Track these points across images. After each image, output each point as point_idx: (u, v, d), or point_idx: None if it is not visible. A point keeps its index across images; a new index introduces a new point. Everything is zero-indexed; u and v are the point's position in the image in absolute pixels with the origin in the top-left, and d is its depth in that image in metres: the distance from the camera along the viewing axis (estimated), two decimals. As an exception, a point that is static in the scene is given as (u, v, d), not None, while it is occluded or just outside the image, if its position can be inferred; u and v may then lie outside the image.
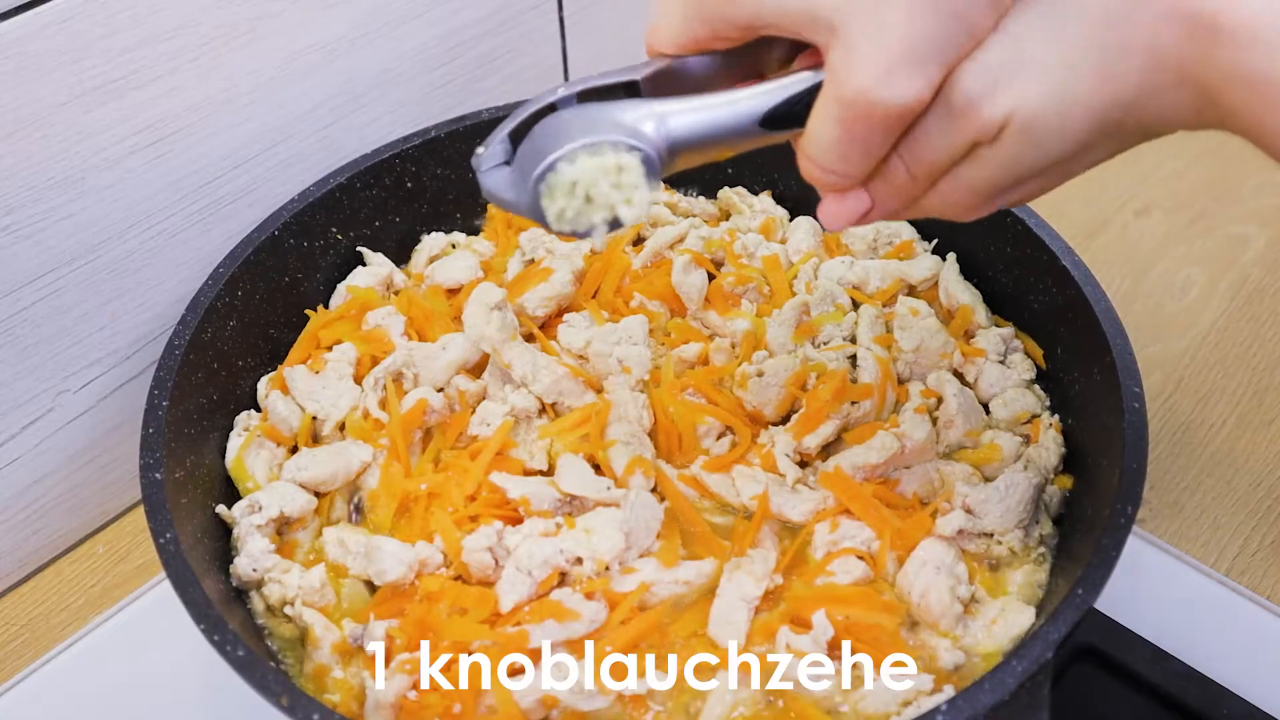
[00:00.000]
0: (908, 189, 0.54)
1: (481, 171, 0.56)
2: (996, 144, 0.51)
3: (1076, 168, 0.54)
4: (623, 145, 0.53)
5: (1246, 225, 1.14)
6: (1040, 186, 0.55)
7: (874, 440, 0.76)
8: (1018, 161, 0.52)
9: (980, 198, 0.55)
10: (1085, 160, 0.53)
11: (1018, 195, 0.55)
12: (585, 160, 0.53)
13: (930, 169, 0.53)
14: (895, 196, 0.55)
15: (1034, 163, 0.52)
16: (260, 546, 0.73)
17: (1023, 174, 0.53)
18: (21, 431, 0.83)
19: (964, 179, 0.54)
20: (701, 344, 0.85)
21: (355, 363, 0.85)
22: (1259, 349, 1.02)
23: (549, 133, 0.54)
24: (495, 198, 0.56)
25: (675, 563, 0.72)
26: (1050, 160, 0.52)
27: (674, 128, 0.53)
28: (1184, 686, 0.69)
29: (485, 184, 0.56)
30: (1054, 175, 0.54)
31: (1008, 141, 0.51)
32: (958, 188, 0.54)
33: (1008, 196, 0.55)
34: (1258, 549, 0.87)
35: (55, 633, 0.85)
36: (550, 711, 0.66)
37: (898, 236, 0.94)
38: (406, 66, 0.97)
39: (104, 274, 0.83)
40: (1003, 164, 0.52)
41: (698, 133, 0.54)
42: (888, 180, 0.54)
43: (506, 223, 0.98)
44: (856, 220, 0.56)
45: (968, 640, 0.69)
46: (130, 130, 0.80)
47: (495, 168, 0.56)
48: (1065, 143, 0.51)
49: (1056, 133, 0.50)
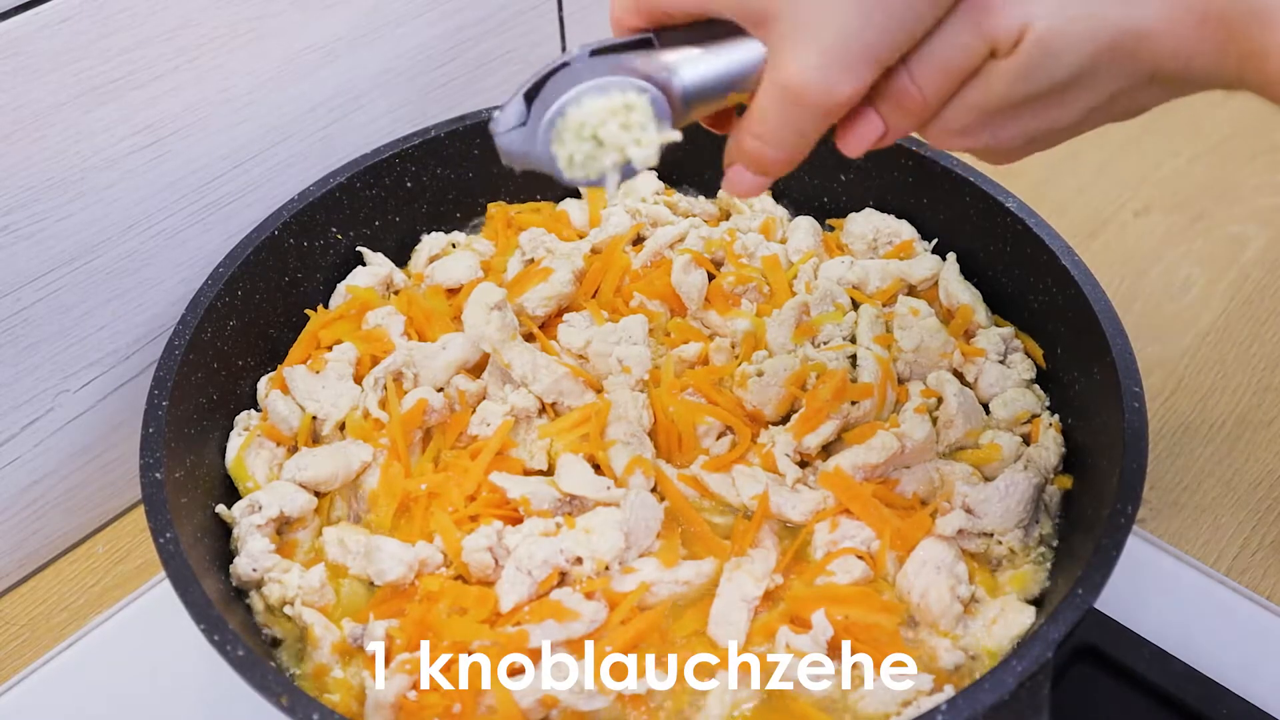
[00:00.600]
0: (918, 108, 0.53)
1: (498, 134, 0.56)
2: (1010, 56, 0.50)
3: (1081, 100, 0.53)
4: (630, 86, 0.54)
5: (1246, 225, 1.14)
6: (1028, 125, 0.54)
7: (874, 440, 0.76)
8: (1028, 77, 0.51)
9: (983, 117, 0.54)
10: (1092, 90, 0.52)
11: (1010, 130, 0.54)
12: (593, 101, 0.54)
13: (943, 82, 0.52)
14: (906, 117, 0.54)
15: (1044, 80, 0.51)
16: (260, 546, 0.73)
17: (1030, 93, 0.52)
18: (21, 431, 0.83)
19: (968, 98, 0.53)
20: (701, 344, 0.85)
21: (355, 363, 0.85)
22: (1259, 349, 1.02)
23: (560, 83, 0.55)
24: (511, 156, 0.56)
25: (675, 563, 0.72)
26: (1060, 79, 0.51)
27: (683, 74, 0.54)
28: (1184, 686, 0.69)
29: (501, 145, 0.56)
30: (1057, 106, 0.53)
31: (1022, 53, 0.50)
32: (960, 109, 0.54)
33: (997, 128, 0.54)
34: (1258, 549, 0.87)
35: (55, 633, 0.85)
36: (550, 711, 0.66)
37: (898, 236, 0.94)
38: (406, 66, 0.97)
39: (104, 274, 0.83)
40: (1013, 79, 0.51)
41: (705, 78, 0.54)
42: (898, 102, 0.53)
43: (506, 223, 0.98)
44: (874, 143, 0.55)
45: (968, 640, 0.69)
46: (129, 130, 0.80)
47: (511, 130, 0.56)
48: (1080, 59, 0.50)
49: (1073, 46, 0.50)
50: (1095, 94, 0.53)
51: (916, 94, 0.53)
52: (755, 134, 0.54)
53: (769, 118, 0.53)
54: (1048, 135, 0.55)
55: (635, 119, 0.54)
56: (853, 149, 0.56)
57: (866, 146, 0.56)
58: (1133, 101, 0.54)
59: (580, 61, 0.55)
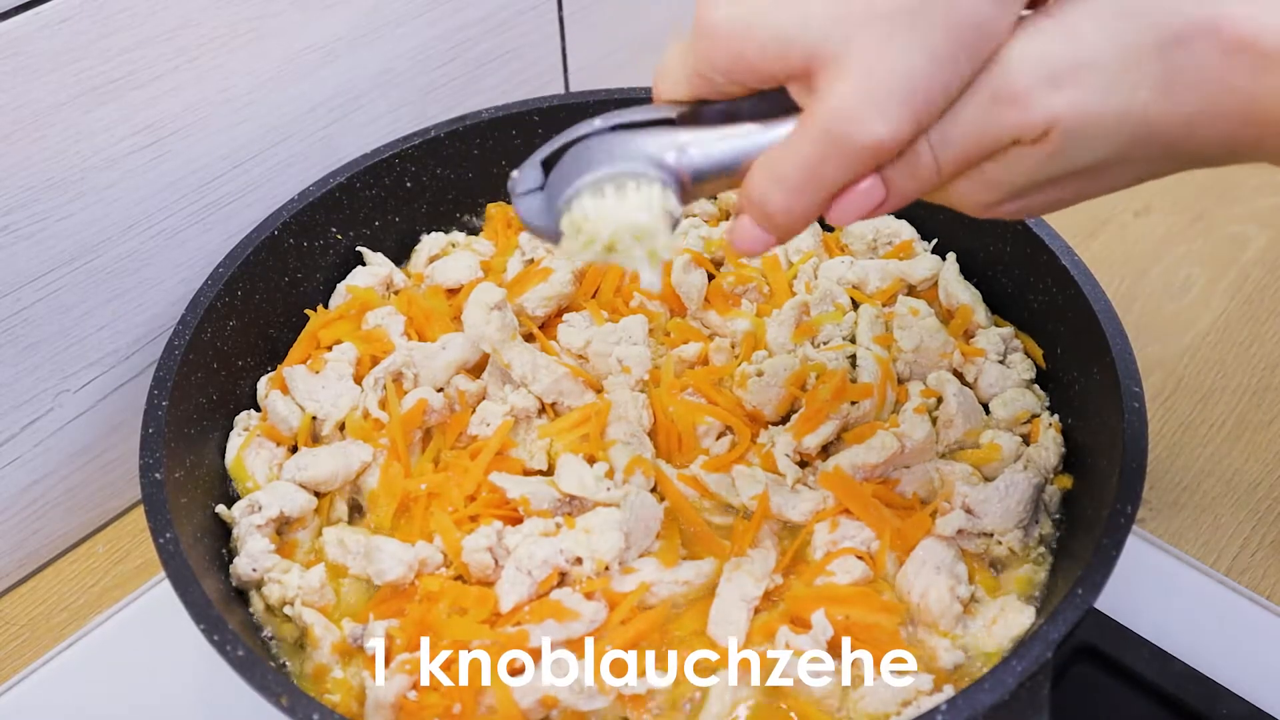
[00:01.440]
0: (929, 177, 0.51)
1: (515, 196, 0.57)
2: (1037, 145, 0.48)
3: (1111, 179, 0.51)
4: (641, 175, 0.53)
5: (1246, 225, 1.14)
6: (1057, 196, 0.52)
7: (874, 440, 0.76)
8: (1051, 164, 0.49)
9: (1001, 196, 0.52)
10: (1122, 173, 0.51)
11: (1038, 200, 0.53)
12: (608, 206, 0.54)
13: (959, 160, 0.50)
14: (913, 183, 0.51)
15: (1067, 167, 0.50)
16: (260, 546, 0.73)
17: (1052, 177, 0.50)
18: (21, 431, 0.83)
19: (989, 175, 0.51)
20: (701, 344, 0.85)
21: (355, 363, 0.85)
22: (1259, 349, 1.02)
23: (576, 160, 0.55)
24: (528, 223, 0.57)
25: (675, 563, 0.72)
26: (1086, 165, 0.50)
27: (694, 156, 0.54)
28: (1184, 686, 0.69)
29: (519, 209, 0.57)
30: (1074, 185, 0.52)
31: (1050, 143, 0.48)
32: (979, 184, 0.52)
33: (1026, 201, 0.53)
34: (1258, 549, 0.87)
35: (55, 633, 0.85)
36: (550, 711, 0.66)
37: (897, 236, 0.94)
38: (406, 66, 0.97)
39: (104, 274, 0.83)
40: (1036, 166, 0.49)
41: (717, 162, 0.54)
42: (911, 168, 0.51)
43: (506, 223, 0.98)
44: (869, 212, 0.53)
45: (967, 640, 0.69)
46: (129, 130, 0.80)
47: (528, 193, 0.56)
48: (1111, 148, 0.49)
49: (1104, 136, 0.48)
50: (1125, 175, 0.51)
51: (930, 163, 0.50)
52: (774, 175, 0.51)
53: (792, 155, 0.50)
54: (1076, 200, 0.54)
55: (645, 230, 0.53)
56: (843, 216, 0.52)
57: (858, 215, 0.52)
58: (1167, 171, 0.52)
59: (597, 138, 0.55)
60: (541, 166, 0.56)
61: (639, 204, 0.53)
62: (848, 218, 0.52)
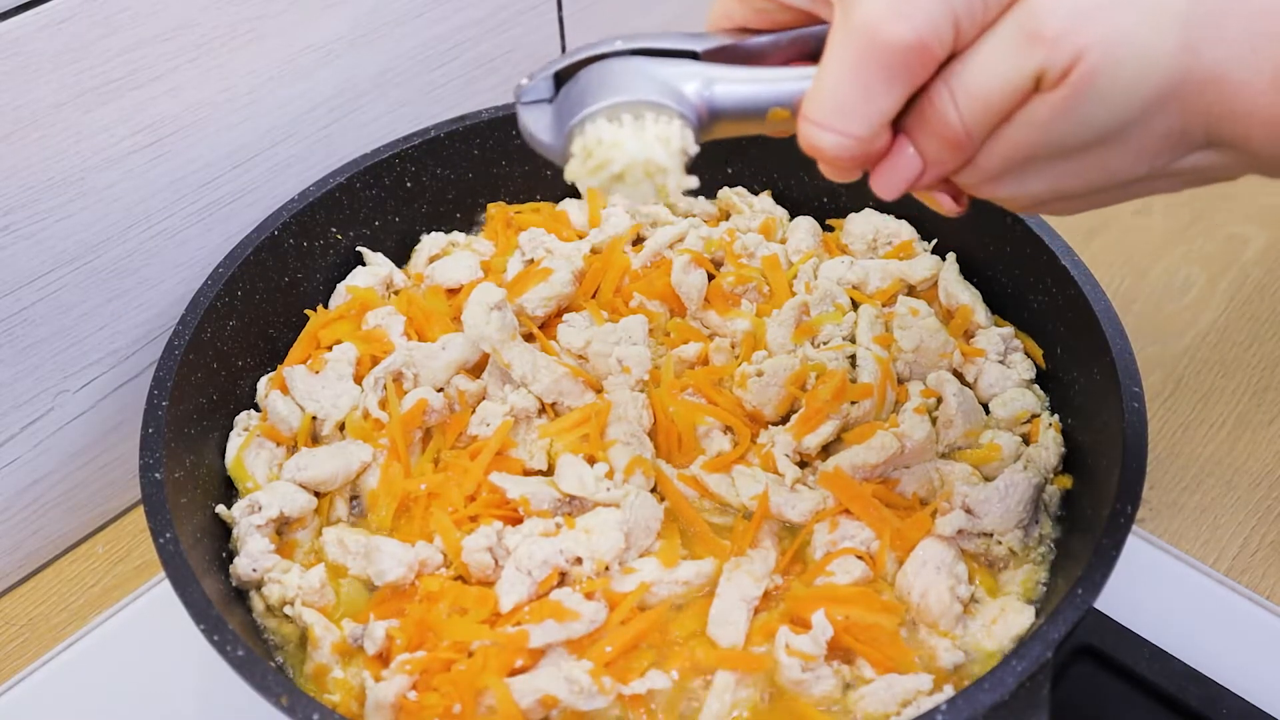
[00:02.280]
0: (957, 139, 0.50)
1: (521, 103, 0.55)
2: (1055, 89, 0.47)
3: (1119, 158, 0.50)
4: (660, 106, 0.52)
5: (1246, 225, 1.14)
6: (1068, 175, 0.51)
7: (874, 440, 0.76)
8: (1070, 114, 0.48)
9: (1009, 162, 0.51)
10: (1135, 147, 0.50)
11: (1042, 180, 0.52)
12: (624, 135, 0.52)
13: (984, 112, 0.49)
14: (945, 150, 0.50)
15: (1082, 126, 0.48)
16: (260, 546, 0.73)
17: (1069, 135, 0.49)
18: (21, 431, 0.83)
19: (1006, 136, 0.50)
20: (701, 344, 0.85)
21: (355, 363, 0.85)
22: (1259, 349, 1.02)
23: (593, 80, 0.53)
24: (529, 134, 0.55)
25: (675, 563, 0.72)
26: (1103, 125, 0.48)
27: (717, 93, 0.53)
28: (1184, 686, 0.69)
29: (522, 117, 0.55)
30: (1092, 161, 0.50)
31: (1069, 86, 0.47)
32: (996, 154, 0.50)
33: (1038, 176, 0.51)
34: (1258, 549, 0.87)
35: (55, 633, 0.85)
36: (550, 711, 0.66)
37: (897, 236, 0.94)
38: (406, 66, 0.97)
39: (104, 274, 0.83)
40: (1052, 117, 0.48)
41: (739, 101, 0.53)
42: (937, 130, 0.50)
43: (506, 222, 0.98)
44: (911, 182, 0.52)
45: (967, 640, 0.69)
46: (129, 130, 0.80)
47: (535, 103, 0.55)
48: (1129, 103, 0.47)
49: (1125, 87, 0.47)
50: (1138, 154, 0.50)
51: (956, 122, 0.49)
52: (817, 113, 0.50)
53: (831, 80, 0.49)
54: (1077, 196, 0.53)
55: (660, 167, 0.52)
56: (888, 187, 0.52)
57: (902, 185, 0.52)
58: (1179, 168, 0.51)
59: (618, 60, 0.53)
60: (554, 79, 0.54)
61: (656, 138, 0.52)
62: (891, 189, 0.52)
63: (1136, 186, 0.52)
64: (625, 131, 0.52)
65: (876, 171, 0.52)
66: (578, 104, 0.53)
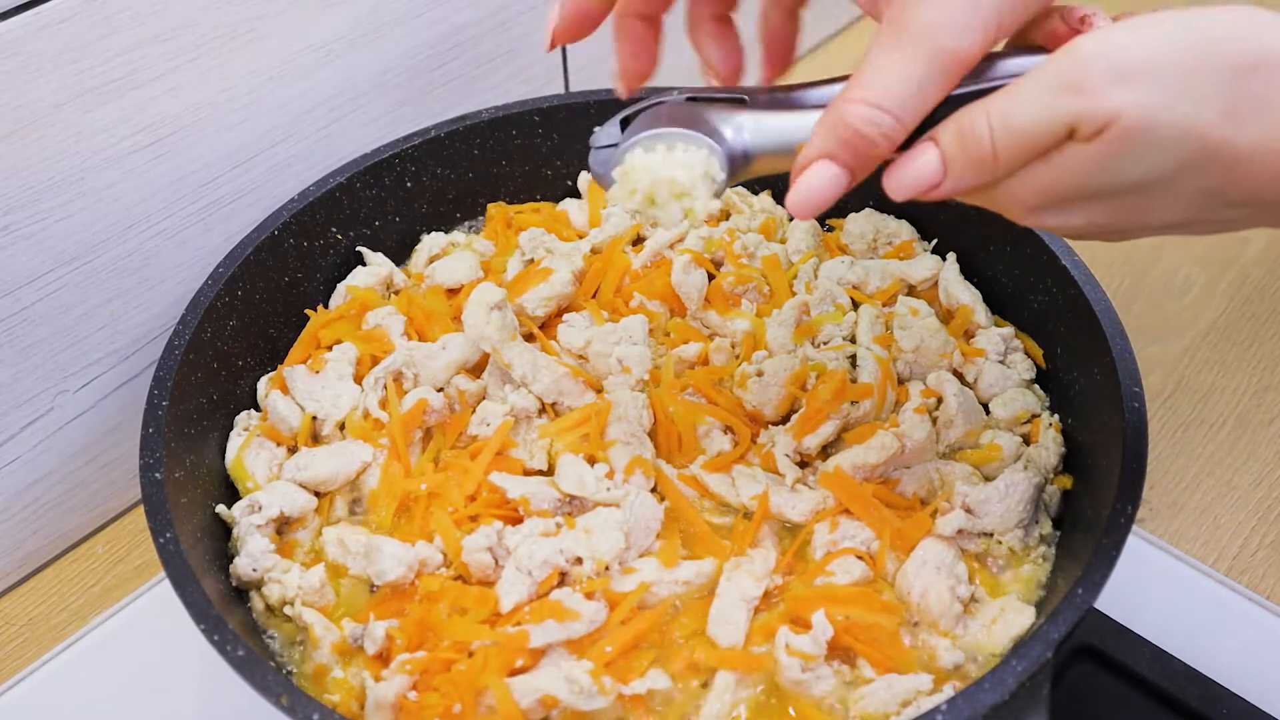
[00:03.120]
0: (986, 163, 0.50)
1: (593, 148, 0.62)
2: (1091, 142, 0.48)
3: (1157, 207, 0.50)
4: (690, 137, 0.58)
5: (1246, 225, 1.14)
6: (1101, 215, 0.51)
7: (874, 440, 0.76)
8: (1103, 170, 0.48)
9: (1046, 201, 0.51)
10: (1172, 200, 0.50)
11: (1079, 217, 0.52)
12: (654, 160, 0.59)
13: (1016, 146, 0.49)
14: (970, 169, 0.51)
15: (1118, 177, 0.49)
16: (260, 546, 0.73)
17: (1101, 188, 0.49)
18: (21, 431, 0.83)
19: (1038, 177, 0.50)
20: (701, 344, 0.85)
21: (355, 363, 0.85)
22: (1259, 349, 1.02)
23: (644, 121, 0.60)
24: (597, 174, 0.62)
25: (675, 563, 0.72)
26: (1136, 180, 0.49)
27: (749, 129, 0.58)
28: (1184, 686, 0.69)
29: (592, 159, 0.62)
30: (1131, 209, 0.51)
31: (1104, 142, 0.47)
32: (1028, 186, 0.51)
33: (1069, 214, 0.52)
34: (1258, 549, 0.87)
35: (55, 633, 0.85)
36: (550, 711, 0.66)
37: (898, 236, 0.94)
38: (406, 66, 0.97)
39: (104, 274, 0.83)
40: (1087, 169, 0.48)
41: (769, 137, 0.58)
42: (968, 145, 0.50)
43: (506, 222, 0.98)
44: (925, 189, 0.52)
45: (968, 640, 0.69)
46: (130, 130, 0.80)
47: (603, 148, 0.62)
48: (1163, 164, 0.48)
49: (1158, 152, 0.47)
50: (1174, 204, 0.50)
51: (988, 144, 0.50)
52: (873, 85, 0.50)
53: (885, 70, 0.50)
54: (1121, 231, 0.53)
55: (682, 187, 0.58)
56: (902, 187, 0.53)
57: (917, 188, 0.52)
58: (1217, 218, 0.51)
59: (670, 105, 0.60)
60: (620, 125, 0.61)
61: (681, 162, 0.58)
62: (905, 189, 0.53)
63: (1176, 228, 0.52)
64: (655, 158, 0.59)
65: (895, 167, 0.53)
66: (627, 140, 0.61)
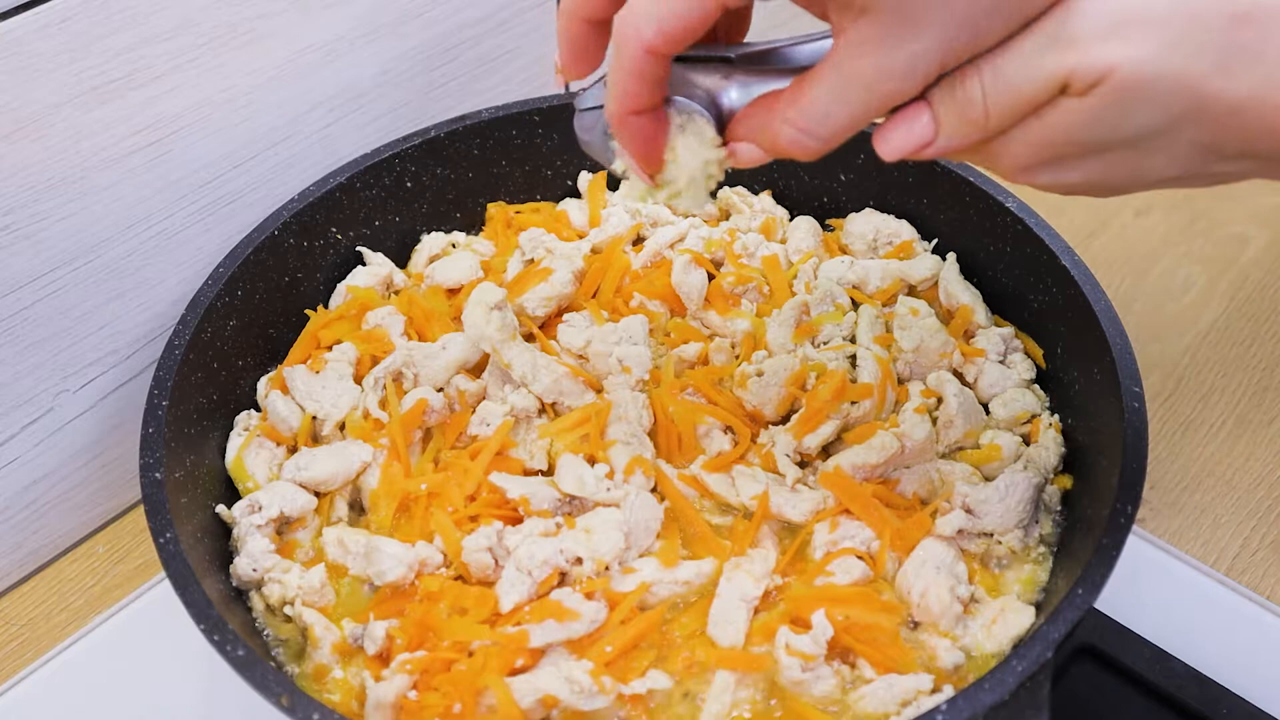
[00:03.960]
0: (979, 123, 0.50)
1: (578, 109, 0.61)
2: (1084, 97, 0.47)
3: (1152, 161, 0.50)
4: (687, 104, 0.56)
5: (1246, 225, 1.14)
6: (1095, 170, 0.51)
7: (874, 440, 0.76)
8: (1098, 123, 0.48)
9: (1040, 158, 0.51)
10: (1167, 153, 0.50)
11: (1074, 173, 0.52)
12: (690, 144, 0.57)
13: (1009, 103, 0.49)
14: (962, 129, 0.51)
15: (1114, 131, 0.49)
16: (260, 546, 0.73)
17: (1097, 140, 0.49)
18: (21, 431, 0.83)
19: (1032, 133, 0.50)
20: (701, 344, 0.85)
21: (355, 363, 0.85)
22: (1259, 349, 1.02)
23: None
24: (579, 136, 0.61)
25: (675, 563, 0.72)
26: (1130, 135, 0.49)
27: (736, 93, 0.57)
28: (1184, 686, 0.69)
29: (577, 123, 0.61)
30: (1127, 163, 0.50)
31: (1097, 96, 0.47)
32: (1021, 143, 0.51)
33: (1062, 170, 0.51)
34: (1258, 549, 0.87)
35: (55, 633, 0.85)
36: (550, 711, 0.66)
37: (897, 236, 0.94)
38: (406, 66, 0.97)
39: (104, 274, 0.83)
40: (1081, 123, 0.48)
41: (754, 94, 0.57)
42: (960, 106, 0.50)
43: (506, 222, 0.98)
44: (916, 149, 0.52)
45: (967, 640, 0.69)
46: (130, 130, 0.80)
47: (588, 110, 0.60)
48: (1156, 118, 0.48)
49: (1153, 103, 0.47)
50: (1169, 158, 0.50)
51: (979, 102, 0.49)
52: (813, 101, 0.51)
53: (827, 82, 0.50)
54: (1116, 186, 0.53)
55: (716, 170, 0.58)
56: (892, 148, 0.52)
57: (908, 148, 0.52)
58: (1211, 171, 0.51)
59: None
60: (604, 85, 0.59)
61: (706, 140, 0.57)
62: (895, 150, 0.52)
63: (1171, 182, 0.52)
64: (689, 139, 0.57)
65: (885, 127, 0.52)
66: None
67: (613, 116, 0.55)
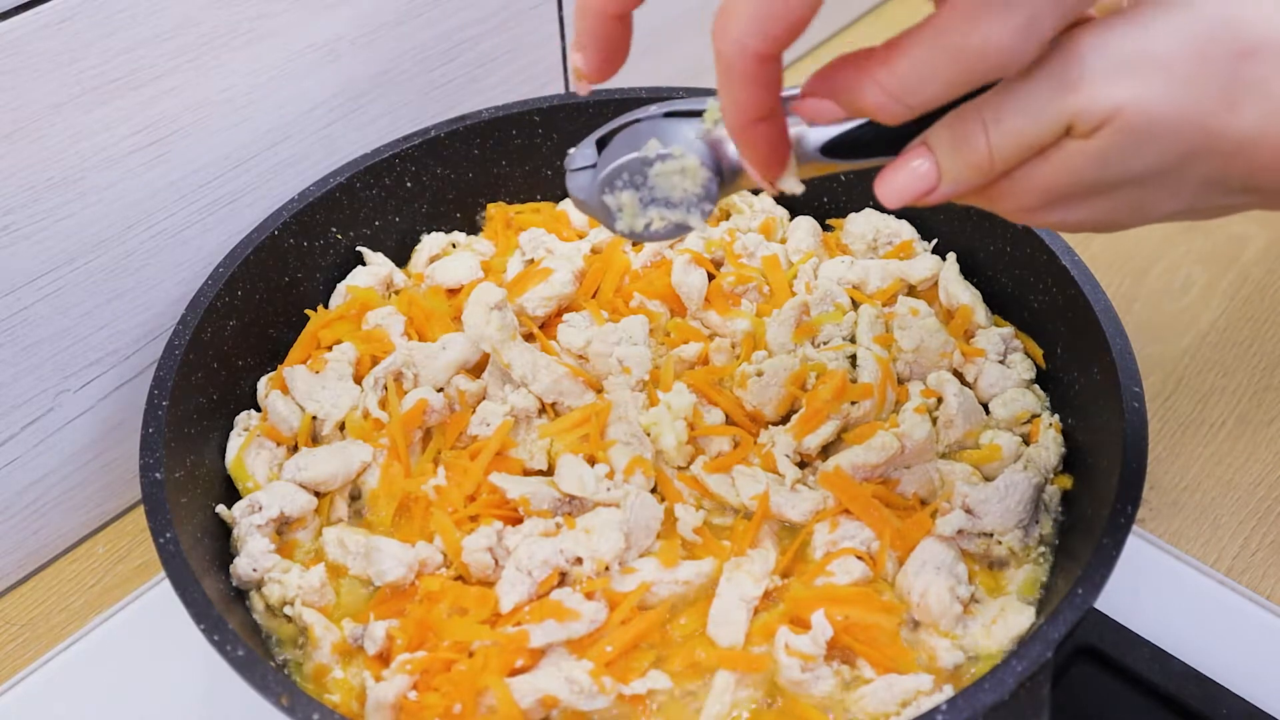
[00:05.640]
0: (982, 168, 0.49)
1: (569, 170, 0.60)
2: (1090, 138, 0.47)
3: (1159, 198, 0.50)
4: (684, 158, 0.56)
5: (1246, 225, 1.14)
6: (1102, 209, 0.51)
7: (874, 440, 0.76)
8: (1103, 165, 0.48)
9: (1045, 200, 0.50)
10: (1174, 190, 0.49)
11: (1081, 212, 0.51)
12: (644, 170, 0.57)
13: (1012, 146, 0.48)
14: (966, 174, 0.50)
15: (1118, 171, 0.48)
16: (260, 546, 0.73)
17: (1100, 183, 0.49)
18: (21, 431, 0.83)
19: (1036, 177, 0.49)
20: (701, 344, 0.85)
21: (355, 363, 0.85)
22: (1259, 349, 1.02)
23: (624, 141, 0.57)
24: (573, 197, 0.60)
25: (675, 563, 0.72)
26: (1137, 174, 0.48)
27: (733, 149, 0.55)
28: (1184, 686, 0.69)
29: (569, 183, 0.60)
30: (1121, 197, 0.50)
31: (1103, 138, 0.47)
32: (1026, 186, 0.50)
33: (1069, 210, 0.51)
34: (1258, 549, 0.87)
35: (55, 633, 0.85)
36: (550, 711, 0.66)
37: (898, 236, 0.94)
38: (406, 66, 0.97)
39: (104, 274, 0.83)
40: (1086, 165, 0.48)
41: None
42: (963, 151, 0.49)
43: (506, 222, 0.98)
44: (919, 196, 0.51)
45: (967, 640, 0.69)
46: (130, 130, 0.80)
47: (581, 170, 0.59)
48: (1163, 157, 0.47)
49: (1158, 144, 0.47)
50: (1175, 194, 0.50)
51: (983, 145, 0.49)
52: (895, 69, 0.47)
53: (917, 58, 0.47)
54: (1121, 223, 0.52)
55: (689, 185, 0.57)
56: (894, 195, 0.51)
57: (911, 196, 0.51)
58: (1216, 205, 0.51)
59: (648, 123, 0.57)
60: (596, 146, 0.59)
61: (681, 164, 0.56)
62: (896, 198, 0.51)
63: (1176, 216, 0.52)
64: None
65: (887, 173, 0.52)
66: (608, 162, 0.58)
67: (734, 130, 0.52)
